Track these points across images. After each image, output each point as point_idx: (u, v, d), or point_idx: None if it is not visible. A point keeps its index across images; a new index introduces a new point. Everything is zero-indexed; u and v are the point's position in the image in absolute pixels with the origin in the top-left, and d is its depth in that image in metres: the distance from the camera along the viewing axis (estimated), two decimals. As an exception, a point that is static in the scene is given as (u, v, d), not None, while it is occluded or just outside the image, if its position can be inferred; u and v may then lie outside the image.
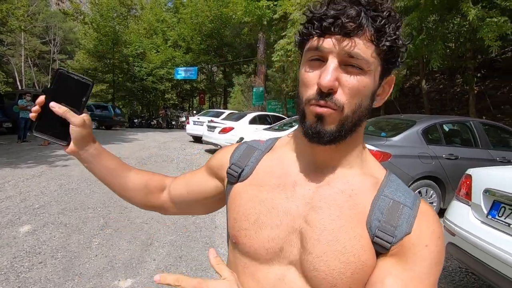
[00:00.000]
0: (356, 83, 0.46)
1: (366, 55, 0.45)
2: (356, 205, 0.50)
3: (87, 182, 4.93)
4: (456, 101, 10.91)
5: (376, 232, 0.47)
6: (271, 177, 0.56)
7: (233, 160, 0.62)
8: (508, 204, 1.82)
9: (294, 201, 0.52)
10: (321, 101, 0.46)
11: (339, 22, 0.44)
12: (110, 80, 22.08)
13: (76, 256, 2.71)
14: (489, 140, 4.16)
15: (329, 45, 0.45)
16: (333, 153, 0.52)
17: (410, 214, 0.48)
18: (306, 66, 0.49)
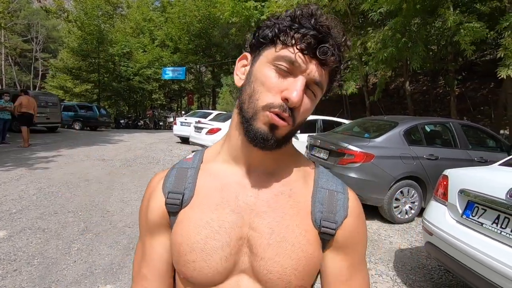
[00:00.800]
0: (309, 106, 0.50)
1: (324, 82, 0.50)
2: (297, 203, 0.53)
3: (68, 186, 4.80)
4: (438, 102, 11.21)
5: (322, 223, 0.52)
6: (212, 194, 0.54)
7: (167, 189, 0.56)
8: (481, 204, 1.88)
9: (239, 211, 0.52)
10: (285, 113, 0.47)
11: (323, 50, 0.46)
12: (96, 80, 21.59)
13: (54, 263, 2.63)
14: (468, 140, 4.29)
15: (307, 66, 0.47)
16: (269, 157, 0.54)
17: (344, 198, 0.55)
18: (272, 68, 0.48)
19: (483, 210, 1.86)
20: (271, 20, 0.51)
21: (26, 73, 38.06)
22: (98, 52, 20.45)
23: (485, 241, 1.76)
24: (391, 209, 3.81)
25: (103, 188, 4.79)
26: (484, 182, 1.93)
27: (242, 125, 0.51)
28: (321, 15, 0.48)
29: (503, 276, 1.59)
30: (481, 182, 1.95)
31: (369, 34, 8.55)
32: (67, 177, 5.28)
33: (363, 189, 3.72)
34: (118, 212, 3.87)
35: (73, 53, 21.36)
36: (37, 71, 38.77)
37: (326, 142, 4.24)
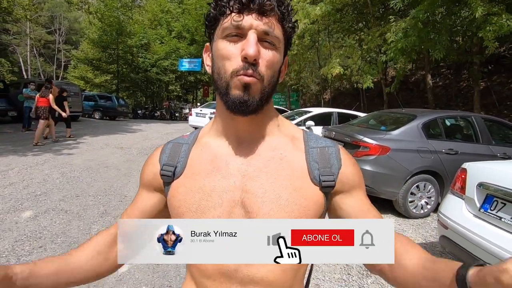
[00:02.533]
0: (272, 56, 0.52)
1: (277, 34, 0.52)
2: (289, 164, 0.58)
3: (89, 171, 5.00)
4: (461, 96, 10.76)
5: (321, 178, 0.57)
6: (204, 164, 0.59)
7: (162, 161, 0.62)
8: (501, 198, 1.82)
9: (230, 177, 0.57)
10: (249, 71, 0.50)
11: (256, 1, 0.49)
12: (114, 71, 22.11)
13: (76, 242, 2.77)
14: (491, 135, 4.11)
15: (249, 22, 0.50)
16: (254, 124, 0.58)
17: (335, 151, 0.60)
18: (224, 40, 0.52)
19: (502, 204, 1.80)
20: (209, 5, 0.55)
21: (50, 64, 39.43)
22: (117, 43, 20.88)
23: (503, 235, 1.71)
24: (406, 203, 3.74)
25: (121, 175, 4.96)
26: (505, 176, 1.86)
27: (222, 100, 0.55)
28: None
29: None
30: (501, 176, 1.88)
31: (389, 24, 8.26)
32: (87, 163, 5.50)
33: (377, 182, 3.67)
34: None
35: (93, 45, 21.89)
36: (59, 62, 40.08)
37: (341, 134, 4.19)
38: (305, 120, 6.80)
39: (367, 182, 3.70)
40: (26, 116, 8.62)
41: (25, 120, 8.73)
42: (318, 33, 13.26)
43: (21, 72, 31.56)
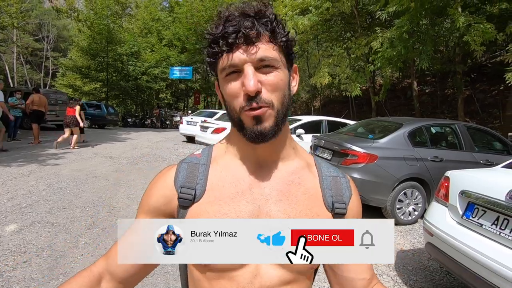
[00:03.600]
0: (274, 79, 0.53)
1: (272, 55, 0.53)
2: (307, 190, 0.60)
3: (76, 182, 4.91)
4: (446, 104, 11.08)
5: (334, 205, 0.60)
6: (227, 188, 0.58)
7: (179, 183, 0.59)
8: (482, 206, 1.89)
9: (255, 202, 0.57)
10: (253, 104, 0.51)
11: (241, 34, 0.51)
12: (104, 79, 21.88)
13: (62, 255, 2.71)
14: (474, 143, 4.25)
15: (240, 56, 0.51)
16: (273, 147, 0.59)
17: (346, 181, 0.64)
18: (226, 81, 0.54)
19: (483, 211, 1.86)
20: (203, 47, 0.58)
21: (37, 72, 38.78)
22: (106, 51, 20.73)
23: (484, 242, 1.77)
24: (394, 210, 3.81)
25: (110, 185, 4.89)
26: (485, 184, 1.94)
27: (239, 132, 0.56)
28: (228, 12, 0.53)
29: (502, 278, 1.60)
30: (482, 184, 1.96)
31: (375, 34, 8.51)
32: (75, 173, 5.41)
33: (366, 190, 3.73)
34: (124, 208, 3.96)
35: (82, 52, 21.68)
36: (47, 70, 39.46)
37: (330, 142, 4.26)
38: (295, 128, 6.87)
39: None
40: (11, 125, 8.43)
41: (11, 129, 8.53)
42: (307, 42, 13.50)
43: (6, 80, 30.90)
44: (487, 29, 5.94)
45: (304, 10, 11.45)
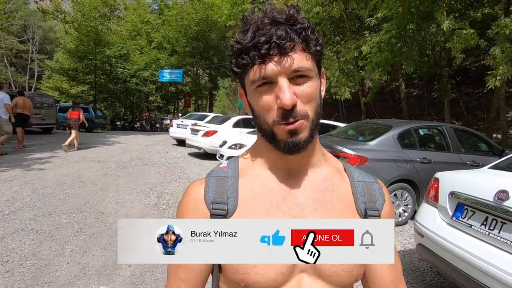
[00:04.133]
0: (309, 90, 0.51)
1: (306, 65, 0.50)
2: (341, 196, 0.59)
3: (62, 187, 4.77)
4: (433, 106, 11.34)
5: (367, 212, 0.58)
6: (260, 200, 0.56)
7: (210, 199, 0.57)
8: (471, 206, 1.92)
9: (291, 213, 0.55)
10: (290, 119, 0.50)
11: (274, 45, 0.48)
12: (92, 81, 21.47)
13: (47, 264, 2.62)
14: (460, 144, 4.35)
15: (273, 69, 0.49)
16: (303, 156, 0.56)
17: (378, 187, 0.62)
18: (257, 92, 0.52)
19: (472, 212, 1.89)
20: (229, 55, 0.55)
21: (22, 74, 37.80)
22: (94, 53, 20.38)
23: (473, 243, 1.79)
24: (384, 211, 3.84)
25: (97, 190, 4.78)
26: (474, 185, 1.97)
27: (270, 144, 0.55)
28: (256, 18, 0.50)
29: (491, 277, 1.62)
30: (470, 185, 1.99)
31: (364, 38, 8.65)
32: (61, 178, 5.26)
33: (357, 191, 3.75)
34: (113, 213, 3.86)
35: (69, 55, 21.24)
36: (33, 72, 38.53)
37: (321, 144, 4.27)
38: (286, 131, 6.87)
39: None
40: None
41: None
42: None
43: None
44: (469, 35, 6.13)
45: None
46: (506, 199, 1.70)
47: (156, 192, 4.85)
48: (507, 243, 1.64)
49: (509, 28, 5.58)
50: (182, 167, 6.99)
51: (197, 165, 7.39)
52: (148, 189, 4.98)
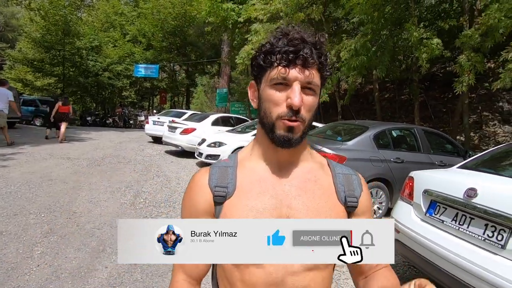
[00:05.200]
0: (312, 101, 0.63)
1: (317, 82, 0.63)
2: (322, 186, 0.69)
3: (29, 185, 4.47)
4: (403, 109, 11.94)
5: (347, 199, 0.69)
6: (253, 185, 0.67)
7: (213, 183, 0.68)
8: (442, 203, 2.05)
9: (277, 197, 0.66)
10: (293, 117, 0.61)
11: (301, 57, 0.60)
12: (60, 74, 20.19)
13: (14, 267, 2.45)
14: (430, 145, 4.62)
15: (294, 74, 0.60)
16: (293, 153, 0.68)
17: (357, 179, 0.73)
18: (272, 88, 0.62)
19: (444, 209, 2.03)
20: (257, 51, 0.65)
21: (-21, 63, 34.75)
22: (63, 44, 19.17)
23: (445, 237, 1.92)
24: (360, 209, 3.99)
25: (68, 188, 4.53)
26: (445, 183, 2.11)
27: (267, 135, 0.66)
28: (292, 30, 0.62)
29: (461, 269, 1.75)
30: (442, 183, 2.13)
31: (342, 42, 8.91)
32: (27, 176, 4.92)
33: (335, 190, 3.86)
34: (86, 213, 3.68)
35: (34, 44, 19.82)
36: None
37: (301, 144, 4.35)
38: (265, 130, 6.91)
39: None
40: None
41: None
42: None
43: None
44: (436, 45, 6.55)
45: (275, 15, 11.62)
46: (474, 196, 1.83)
47: (133, 191, 4.69)
48: (475, 237, 1.77)
49: (473, 39, 6.02)
50: (158, 165, 6.80)
51: (174, 163, 7.23)
52: (123, 188, 4.80)
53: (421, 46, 6.77)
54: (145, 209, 4.02)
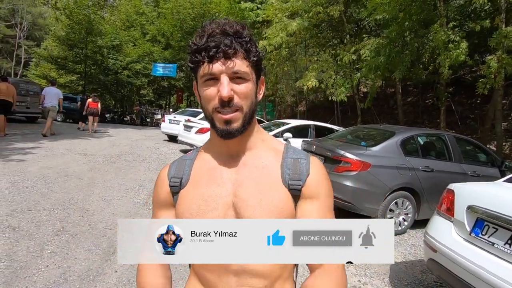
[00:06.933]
0: (244, 89, 0.64)
1: (244, 69, 0.64)
2: (270, 172, 0.69)
3: (45, 180, 4.47)
4: (427, 114, 11.41)
5: (289, 182, 0.67)
6: (203, 175, 0.71)
7: (171, 175, 0.74)
8: (492, 223, 1.79)
9: (224, 185, 0.68)
10: (226, 109, 0.63)
11: (220, 50, 0.61)
12: (81, 71, 20.75)
13: (23, 267, 2.37)
14: (461, 154, 4.27)
15: (218, 68, 0.62)
16: (241, 141, 0.70)
17: (306, 162, 0.70)
18: (204, 85, 0.65)
19: (494, 229, 1.76)
20: (188, 54, 0.68)
21: (8, 60, 36.40)
22: (86, 42, 19.69)
23: (497, 263, 1.66)
24: (385, 220, 3.72)
25: (83, 185, 4.49)
26: (495, 199, 1.84)
27: (212, 128, 0.69)
28: (214, 25, 0.64)
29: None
30: (491, 199, 1.86)
31: (364, 42, 8.59)
32: (44, 171, 4.94)
33: (358, 198, 3.62)
34: (98, 211, 3.61)
35: (59, 42, 20.46)
36: (19, 59, 37.15)
37: (322, 148, 4.13)
38: (282, 132, 6.72)
39: (347, 198, 3.64)
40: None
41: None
42: (295, 46, 13.50)
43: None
44: (460, 52, 6.17)
45: (294, 13, 11.40)
46: (534, 217, 1.57)
47: (146, 190, 4.60)
48: (535, 265, 1.51)
49: (509, 38, 5.59)
50: (173, 164, 6.73)
51: (189, 162, 7.14)
52: (137, 186, 4.73)
53: (446, 51, 6.40)
54: (158, 209, 3.91)
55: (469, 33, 8.19)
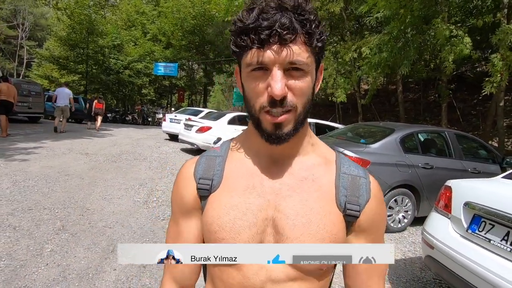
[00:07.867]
0: (302, 84, 0.50)
1: (304, 59, 0.49)
2: (320, 187, 0.57)
3: (46, 180, 4.50)
4: (428, 111, 11.35)
5: (346, 205, 0.56)
6: (240, 180, 0.58)
7: (198, 175, 0.61)
8: (489, 219, 1.78)
9: (265, 195, 0.56)
10: (277, 109, 0.50)
11: (275, 33, 0.46)
12: (83, 71, 20.83)
13: (23, 265, 2.39)
14: (462, 151, 4.25)
15: (270, 57, 0.48)
16: (286, 147, 0.56)
17: (366, 183, 0.58)
18: (250, 76, 0.51)
19: (491, 226, 1.75)
20: (230, 36, 0.53)
21: (10, 61, 36.60)
22: (87, 42, 19.76)
23: (492, 259, 1.65)
24: (384, 217, 3.71)
25: (84, 184, 4.52)
26: (492, 196, 1.83)
27: (256, 129, 0.55)
28: (264, 4, 0.48)
29: (512, 297, 1.48)
30: (488, 195, 1.85)
31: (365, 39, 8.54)
32: (46, 170, 4.97)
33: (357, 196, 3.61)
34: (98, 210, 3.63)
35: (61, 42, 20.55)
36: (21, 59, 37.34)
37: (321, 146, 4.12)
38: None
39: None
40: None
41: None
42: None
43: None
44: (464, 46, 6.10)
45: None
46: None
47: (146, 189, 4.62)
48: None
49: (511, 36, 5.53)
50: (174, 162, 6.75)
51: (189, 161, 7.16)
52: (138, 185, 4.75)
53: (449, 45, 6.33)
54: (157, 208, 3.93)
55: (470, 29, 8.12)
